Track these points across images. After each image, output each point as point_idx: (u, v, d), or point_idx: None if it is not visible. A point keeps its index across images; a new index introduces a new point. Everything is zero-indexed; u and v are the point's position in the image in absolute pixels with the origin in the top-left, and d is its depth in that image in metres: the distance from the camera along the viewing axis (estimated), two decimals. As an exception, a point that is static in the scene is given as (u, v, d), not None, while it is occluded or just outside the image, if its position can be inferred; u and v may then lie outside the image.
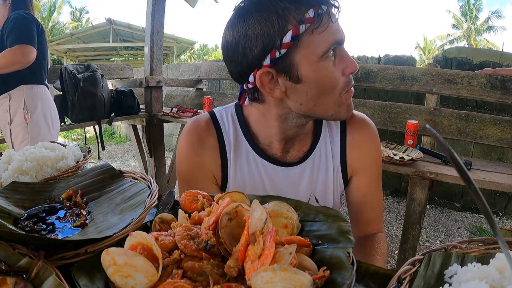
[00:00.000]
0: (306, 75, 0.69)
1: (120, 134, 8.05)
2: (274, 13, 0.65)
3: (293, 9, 0.65)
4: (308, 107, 0.73)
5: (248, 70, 0.71)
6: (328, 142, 0.87)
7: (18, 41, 1.79)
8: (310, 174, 0.86)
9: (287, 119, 0.78)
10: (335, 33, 0.68)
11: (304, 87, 0.71)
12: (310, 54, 0.67)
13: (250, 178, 0.85)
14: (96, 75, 2.64)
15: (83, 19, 25.18)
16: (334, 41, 0.68)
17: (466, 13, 24.88)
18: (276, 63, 0.68)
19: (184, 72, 3.60)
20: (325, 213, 0.54)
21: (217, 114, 0.87)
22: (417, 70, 2.47)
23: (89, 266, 0.44)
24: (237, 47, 0.70)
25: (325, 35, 0.67)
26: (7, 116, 1.86)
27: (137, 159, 3.57)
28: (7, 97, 1.86)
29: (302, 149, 0.86)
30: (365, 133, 0.88)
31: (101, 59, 15.76)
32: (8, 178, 0.78)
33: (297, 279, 0.35)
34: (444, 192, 3.86)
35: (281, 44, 0.66)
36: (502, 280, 0.38)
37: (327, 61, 0.69)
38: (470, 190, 0.35)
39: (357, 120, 0.89)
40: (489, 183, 1.64)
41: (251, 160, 0.84)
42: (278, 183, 0.85)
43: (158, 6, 3.00)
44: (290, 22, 0.65)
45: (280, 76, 0.70)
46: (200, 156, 0.84)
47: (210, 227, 0.44)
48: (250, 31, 0.67)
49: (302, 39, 0.67)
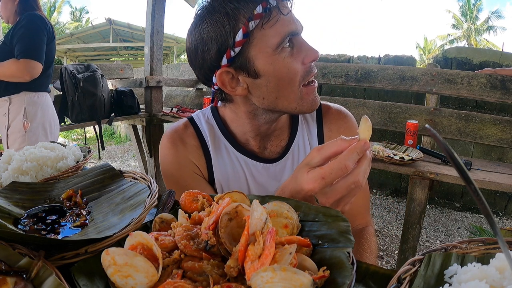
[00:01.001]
0: (263, 68, 0.71)
1: (120, 134, 8.05)
2: (224, 15, 0.68)
3: (242, 8, 0.68)
4: (270, 100, 0.74)
5: (210, 72, 0.74)
6: (305, 135, 0.88)
7: (25, 54, 1.76)
8: (291, 169, 0.87)
9: (256, 115, 0.80)
10: (288, 25, 0.70)
11: (263, 81, 0.72)
12: (264, 48, 0.69)
13: (233, 174, 0.86)
14: (96, 75, 2.64)
15: (83, 19, 25.19)
16: (287, 32, 0.69)
17: (466, 13, 24.88)
18: (233, 61, 0.71)
19: (184, 72, 3.60)
20: (325, 213, 0.54)
21: (194, 117, 0.91)
22: (417, 70, 2.48)
23: (89, 266, 0.44)
24: (196, 52, 0.73)
25: (277, 27, 0.69)
26: (5, 120, 1.84)
27: (137, 159, 3.57)
28: (7, 101, 1.84)
29: (280, 144, 0.88)
30: (341, 123, 0.89)
31: (101, 59, 15.77)
32: (8, 178, 0.78)
33: (297, 279, 0.35)
34: (444, 192, 3.86)
35: (234, 43, 0.68)
36: (502, 280, 0.38)
37: (283, 52, 0.70)
38: (470, 190, 0.35)
39: (333, 112, 0.90)
40: (489, 183, 1.65)
41: (232, 156, 0.87)
42: (260, 178, 0.87)
43: (158, 6, 3.00)
44: (240, 21, 0.68)
45: (239, 74, 0.73)
46: (184, 152, 0.86)
47: (210, 227, 0.44)
48: (204, 35, 0.70)
49: (253, 35, 0.69)
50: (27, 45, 1.78)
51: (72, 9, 25.40)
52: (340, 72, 2.61)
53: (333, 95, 3.88)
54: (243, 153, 0.86)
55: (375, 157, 1.88)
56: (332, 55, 4.34)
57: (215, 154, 0.86)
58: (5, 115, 1.83)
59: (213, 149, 0.86)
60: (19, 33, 1.79)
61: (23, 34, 1.78)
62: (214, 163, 0.86)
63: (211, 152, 0.86)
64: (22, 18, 1.84)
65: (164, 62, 8.93)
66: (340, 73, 2.58)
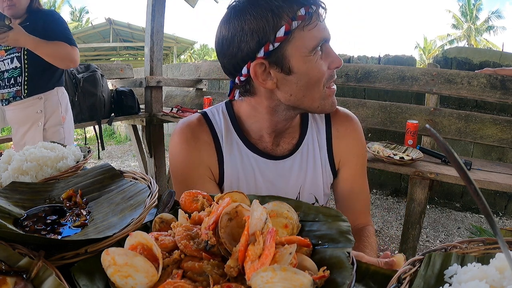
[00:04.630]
0: (297, 66, 0.75)
1: (120, 134, 8.04)
2: (269, 10, 0.72)
3: (286, 7, 0.72)
4: (297, 97, 0.79)
5: (242, 62, 0.77)
6: (314, 134, 0.92)
7: (73, 43, 1.86)
8: (299, 166, 0.90)
9: (277, 111, 0.83)
10: (323, 31, 0.75)
11: (294, 78, 0.76)
12: (301, 48, 0.74)
13: (244, 172, 0.88)
14: (96, 75, 2.64)
15: (83, 19, 25.19)
16: (322, 38, 0.75)
17: (466, 13, 24.88)
18: (269, 55, 0.74)
19: (184, 72, 3.60)
20: (325, 213, 0.54)
21: (208, 112, 0.92)
22: (417, 70, 2.47)
23: (89, 266, 0.44)
24: (233, 41, 0.75)
25: (314, 32, 0.74)
26: (41, 116, 1.90)
27: (137, 159, 3.57)
28: (41, 98, 1.91)
29: (291, 141, 0.91)
30: (348, 125, 0.94)
31: (101, 59, 15.75)
32: (8, 178, 0.78)
33: (297, 279, 0.35)
34: (444, 192, 3.86)
35: (275, 38, 0.72)
36: (502, 280, 0.38)
37: (316, 55, 0.75)
38: (470, 190, 0.35)
39: (341, 114, 0.95)
40: (489, 183, 1.65)
41: (243, 153, 0.88)
42: (269, 176, 0.89)
43: (158, 6, 3.00)
44: (283, 19, 0.72)
45: (272, 68, 0.76)
46: (196, 151, 0.86)
47: (210, 227, 0.44)
48: (246, 25, 0.73)
49: (294, 34, 0.73)
50: (69, 35, 1.88)
51: (72, 9, 25.44)
52: (340, 72, 2.60)
53: (333, 95, 3.87)
54: (253, 150, 0.88)
55: (375, 157, 1.88)
56: (332, 55, 4.33)
57: (227, 150, 0.87)
58: (39, 112, 1.89)
59: (225, 145, 0.87)
60: (55, 22, 1.87)
61: (62, 25, 1.89)
62: (225, 159, 0.87)
63: (223, 148, 0.87)
64: (49, 12, 1.93)
65: (164, 62, 8.92)
66: (340, 73, 2.58)
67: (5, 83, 1.90)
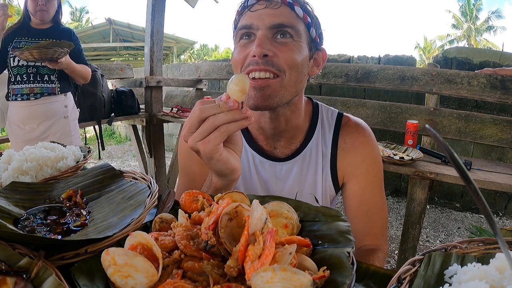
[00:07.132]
0: None
1: (120, 134, 8.04)
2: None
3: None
4: None
5: None
6: (320, 143, 0.87)
7: (88, 64, 2.32)
8: (299, 172, 0.86)
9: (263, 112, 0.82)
10: (248, 19, 0.76)
11: None
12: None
13: (242, 166, 0.86)
14: (96, 75, 2.64)
15: (83, 19, 25.17)
16: (241, 26, 0.78)
17: (466, 13, 24.87)
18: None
19: (184, 72, 3.60)
20: (325, 213, 0.54)
21: None
22: (417, 70, 2.47)
23: (89, 266, 0.44)
24: None
25: (241, 20, 0.78)
26: (66, 110, 2.21)
27: (137, 159, 3.57)
28: (65, 95, 2.21)
29: (290, 146, 0.87)
30: (357, 137, 0.87)
31: (101, 59, 15.74)
32: (8, 178, 0.78)
33: (297, 279, 0.35)
34: (444, 192, 3.86)
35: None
36: (502, 280, 0.38)
37: (239, 43, 0.78)
38: (470, 190, 0.35)
39: (351, 124, 0.89)
40: (489, 183, 1.64)
41: (244, 147, 0.86)
42: (264, 175, 0.87)
43: (158, 6, 3.00)
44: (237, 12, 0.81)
45: None
46: None
47: (210, 227, 0.44)
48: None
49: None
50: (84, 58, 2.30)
51: (72, 9, 25.39)
52: (340, 72, 2.61)
53: (333, 95, 3.88)
54: (253, 148, 0.87)
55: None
56: (332, 55, 4.35)
57: None
58: (65, 106, 2.21)
59: None
60: (79, 45, 2.27)
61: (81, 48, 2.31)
62: None
63: None
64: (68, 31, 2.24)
65: (164, 62, 8.92)
66: (340, 73, 2.58)
67: (36, 79, 2.09)
